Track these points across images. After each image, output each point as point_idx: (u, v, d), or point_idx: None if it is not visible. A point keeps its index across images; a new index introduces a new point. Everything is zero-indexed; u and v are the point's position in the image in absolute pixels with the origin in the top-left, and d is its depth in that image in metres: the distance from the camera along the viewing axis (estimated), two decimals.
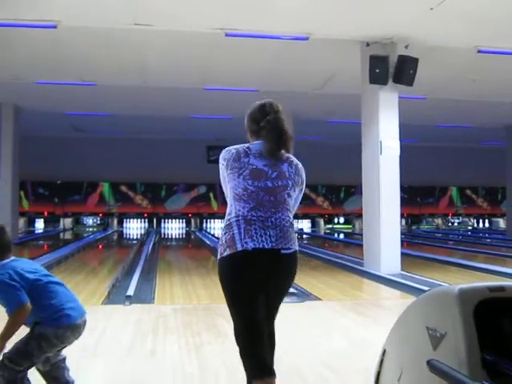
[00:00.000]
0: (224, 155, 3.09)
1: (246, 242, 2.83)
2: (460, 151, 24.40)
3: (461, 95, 13.83)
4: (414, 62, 9.14)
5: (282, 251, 2.91)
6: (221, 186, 3.17)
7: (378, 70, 9.15)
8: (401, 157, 9.39)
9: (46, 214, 23.63)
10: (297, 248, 3.08)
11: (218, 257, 2.96)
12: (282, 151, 3.08)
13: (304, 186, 3.24)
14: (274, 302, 3.07)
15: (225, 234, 2.93)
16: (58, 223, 23.84)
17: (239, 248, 2.84)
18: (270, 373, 2.95)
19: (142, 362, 4.13)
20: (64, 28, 8.84)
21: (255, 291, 2.91)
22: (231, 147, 3.12)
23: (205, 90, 13.53)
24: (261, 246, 2.84)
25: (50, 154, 21.96)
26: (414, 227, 26.24)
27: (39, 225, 23.87)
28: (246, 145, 3.12)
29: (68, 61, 11.21)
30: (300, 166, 3.24)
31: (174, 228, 24.36)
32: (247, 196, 2.92)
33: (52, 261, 10.61)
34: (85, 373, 3.85)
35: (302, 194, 3.27)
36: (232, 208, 2.96)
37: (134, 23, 8.66)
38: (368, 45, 9.43)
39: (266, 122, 3.09)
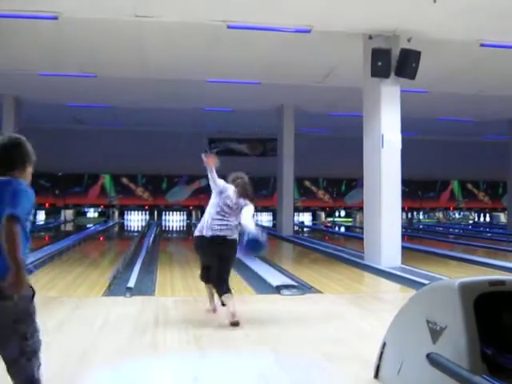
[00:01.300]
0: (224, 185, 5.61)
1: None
2: (462, 145, 24.36)
3: (463, 89, 13.80)
4: (417, 55, 9.10)
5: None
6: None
7: (380, 63, 9.11)
8: (402, 150, 9.37)
9: (47, 205, 23.64)
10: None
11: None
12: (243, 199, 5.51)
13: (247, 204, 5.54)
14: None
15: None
16: (59, 215, 23.85)
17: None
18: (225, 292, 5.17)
19: (143, 354, 4.14)
20: (65, 19, 8.82)
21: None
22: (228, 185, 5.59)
23: (207, 82, 13.51)
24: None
25: (51, 146, 21.87)
26: (414, 221, 26.26)
27: (40, 216, 23.87)
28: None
29: (69, 52, 11.19)
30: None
31: (174, 220, 24.38)
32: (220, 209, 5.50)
33: (53, 252, 10.62)
34: (86, 364, 3.86)
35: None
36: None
37: (135, 15, 8.64)
38: (370, 38, 9.39)
39: (236, 184, 5.57)
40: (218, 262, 5.29)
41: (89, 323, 5.05)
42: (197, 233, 5.51)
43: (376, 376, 3.45)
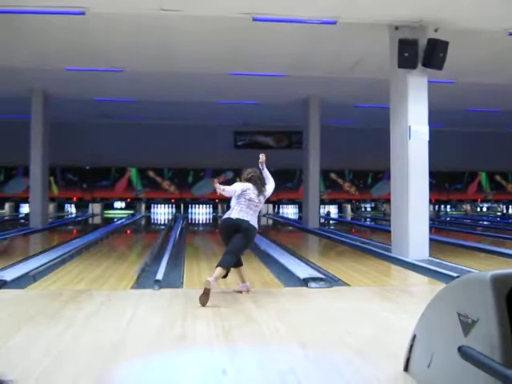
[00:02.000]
0: (243, 185, 6.25)
1: (233, 215, 6.15)
2: (489, 136, 24.07)
3: (490, 79, 13.62)
4: (444, 45, 9.01)
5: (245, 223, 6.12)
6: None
7: (406, 54, 9.04)
8: (429, 142, 9.30)
9: (75, 199, 23.91)
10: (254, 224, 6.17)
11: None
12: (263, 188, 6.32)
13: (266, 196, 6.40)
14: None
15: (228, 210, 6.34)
16: (87, 208, 24.12)
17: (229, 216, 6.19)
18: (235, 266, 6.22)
19: (172, 346, 4.17)
20: (92, 14, 8.90)
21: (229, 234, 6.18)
22: (245, 183, 6.29)
23: (230, 75, 13.53)
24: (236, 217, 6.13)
25: (79, 140, 22.19)
26: (441, 213, 26.04)
27: (71, 210, 24.18)
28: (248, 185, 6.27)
29: (96, 47, 11.30)
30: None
31: (201, 213, 24.49)
32: (244, 201, 6.21)
33: (81, 245, 10.75)
34: (115, 357, 3.90)
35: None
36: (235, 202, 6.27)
37: (161, 8, 8.67)
38: (397, 28, 9.32)
39: (251, 177, 6.32)
40: (233, 236, 6.06)
41: (118, 316, 5.10)
42: (224, 216, 6.34)
43: (406, 369, 3.43)
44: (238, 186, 6.21)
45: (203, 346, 4.18)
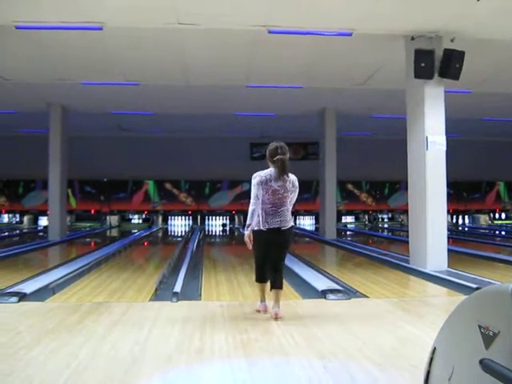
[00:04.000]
0: (259, 179, 5.58)
1: (264, 225, 5.56)
2: (507, 145, 23.91)
3: (507, 88, 13.54)
4: (461, 55, 8.99)
5: (282, 228, 5.58)
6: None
7: (423, 64, 9.03)
8: (446, 151, 9.26)
9: (92, 211, 24.05)
10: (292, 224, 5.72)
11: (253, 229, 5.64)
12: (285, 176, 5.58)
13: (297, 188, 5.72)
14: (280, 251, 5.71)
15: (256, 219, 5.60)
16: (105, 220, 24.23)
17: (261, 228, 5.57)
18: (265, 281, 5.80)
19: (191, 359, 4.17)
20: (110, 29, 9.00)
21: (265, 248, 5.64)
22: (261, 174, 5.62)
23: (247, 87, 13.58)
24: (271, 227, 5.55)
25: (97, 153, 22.36)
26: (459, 223, 25.84)
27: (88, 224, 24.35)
28: (268, 172, 5.61)
29: (113, 61, 11.41)
30: (294, 179, 5.69)
31: (218, 225, 24.51)
32: (269, 202, 5.58)
33: (100, 257, 10.80)
34: (135, 370, 3.91)
35: (296, 193, 5.74)
36: (263, 207, 5.58)
37: (178, 22, 8.75)
38: (413, 39, 9.31)
39: (277, 160, 5.55)
40: (272, 251, 5.64)
41: (137, 328, 5.12)
42: (255, 227, 5.64)
43: (426, 382, 3.40)
44: (255, 186, 5.60)
45: (222, 359, 4.18)
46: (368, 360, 4.11)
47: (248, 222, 5.62)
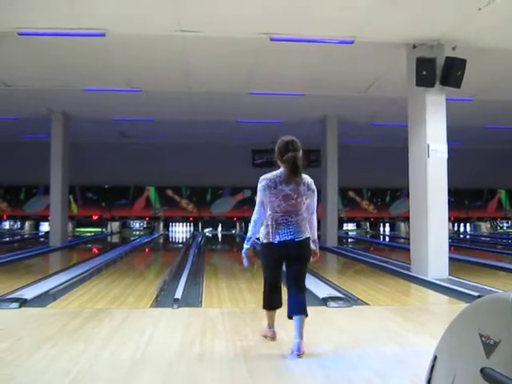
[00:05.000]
0: (266, 182, 4.64)
1: (274, 238, 4.62)
2: (509, 153, 23.90)
3: (509, 96, 13.54)
4: (462, 63, 9.00)
5: (296, 239, 4.60)
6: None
7: (424, 72, 9.04)
8: (448, 159, 9.26)
9: (94, 217, 24.06)
10: (308, 235, 4.69)
11: (261, 242, 4.76)
12: (298, 178, 4.62)
13: (315, 190, 4.80)
14: (296, 268, 4.69)
15: (265, 229, 4.69)
16: (106, 227, 24.23)
17: (271, 240, 4.63)
18: (277, 307, 4.84)
19: (191, 366, 4.17)
20: (112, 36, 9.02)
21: (275, 266, 4.75)
22: (268, 176, 4.66)
23: (249, 94, 13.60)
24: (282, 240, 4.60)
25: (98, 160, 22.39)
26: (461, 230, 25.80)
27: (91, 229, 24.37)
28: (277, 173, 4.66)
29: (114, 68, 11.43)
30: (309, 181, 4.75)
31: (219, 232, 24.49)
32: (280, 209, 4.63)
33: (101, 264, 10.80)
34: (135, 376, 3.91)
35: (315, 196, 4.81)
36: (270, 214, 4.66)
37: (180, 30, 8.77)
38: (414, 47, 9.33)
39: (287, 158, 4.62)
40: (288, 267, 4.70)
41: (137, 335, 5.11)
42: (263, 240, 4.71)
43: None
44: (261, 191, 4.67)
45: (222, 366, 4.17)
46: (369, 368, 4.10)
47: (248, 235, 4.73)
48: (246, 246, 4.73)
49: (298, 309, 4.53)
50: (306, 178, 4.73)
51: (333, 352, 4.58)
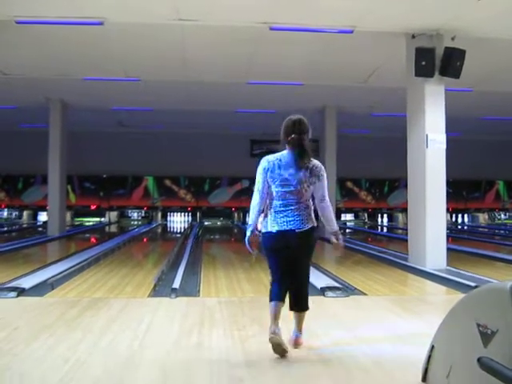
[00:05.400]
0: (264, 165, 4.31)
1: (273, 227, 4.27)
2: (507, 144, 23.89)
3: (508, 87, 13.51)
4: (461, 53, 8.98)
5: (297, 230, 4.22)
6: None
7: (423, 63, 9.01)
8: (446, 150, 9.25)
9: (92, 207, 24.04)
10: (311, 225, 4.29)
11: (261, 231, 4.38)
12: (301, 162, 4.26)
13: (323, 175, 4.36)
14: (298, 260, 4.32)
15: (264, 219, 4.36)
16: (104, 216, 24.21)
17: (269, 229, 4.28)
18: (279, 300, 4.27)
19: (189, 354, 4.18)
20: (109, 24, 8.98)
21: (276, 256, 4.30)
22: (269, 158, 4.33)
23: (248, 84, 13.56)
24: (281, 229, 4.23)
25: (96, 149, 22.33)
26: (459, 221, 25.83)
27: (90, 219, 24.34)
28: (279, 156, 4.32)
29: (113, 57, 11.40)
30: (315, 166, 4.34)
31: (217, 222, 24.49)
32: (278, 196, 4.28)
33: (99, 253, 10.80)
34: (133, 365, 3.92)
35: (324, 181, 4.36)
36: (271, 202, 4.32)
37: (178, 18, 8.73)
38: (414, 37, 9.30)
39: (292, 139, 4.29)
40: (287, 260, 4.28)
41: (136, 324, 5.12)
42: (262, 229, 4.37)
43: (424, 379, 3.41)
44: (259, 174, 4.32)
45: (220, 355, 4.18)
46: (366, 357, 4.11)
47: (249, 223, 4.35)
48: (247, 233, 4.30)
49: (296, 304, 4.34)
50: (313, 162, 4.32)
51: (330, 341, 4.59)
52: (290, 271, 4.28)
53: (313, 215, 4.32)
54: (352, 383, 3.60)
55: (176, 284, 7.10)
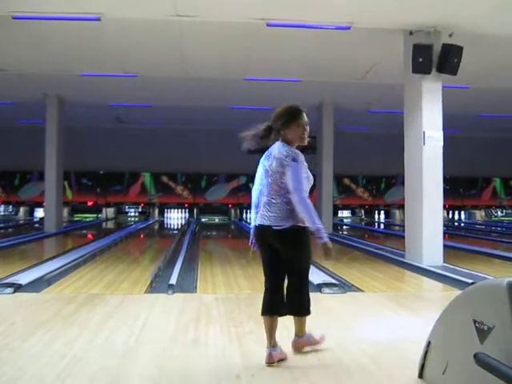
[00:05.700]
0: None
1: (255, 220, 4.06)
2: (504, 141, 23.91)
3: (506, 84, 13.52)
4: (459, 50, 8.97)
5: (274, 227, 3.85)
6: None
7: (421, 59, 9.00)
8: (443, 147, 9.25)
9: (89, 203, 24.02)
10: (290, 224, 3.82)
11: None
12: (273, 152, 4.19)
13: (287, 165, 3.97)
14: (285, 262, 3.95)
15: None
16: (100, 213, 24.19)
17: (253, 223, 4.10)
18: (269, 314, 3.93)
19: (185, 351, 4.17)
20: (107, 20, 8.96)
21: (265, 255, 4.00)
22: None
23: (245, 80, 13.54)
24: (258, 223, 3.98)
25: (93, 145, 22.29)
26: (455, 218, 25.87)
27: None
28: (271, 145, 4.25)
29: (111, 52, 11.37)
30: (278, 153, 4.10)
31: (214, 218, 24.49)
32: (263, 188, 4.11)
33: (96, 250, 10.79)
34: (129, 361, 3.91)
35: (288, 172, 3.94)
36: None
37: (176, 14, 8.71)
38: (411, 33, 9.29)
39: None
40: (273, 260, 3.97)
41: (132, 320, 5.12)
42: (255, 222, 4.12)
43: (420, 376, 3.42)
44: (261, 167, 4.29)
45: (216, 351, 4.18)
46: (363, 353, 4.11)
47: (252, 223, 4.19)
48: (251, 234, 4.12)
49: (289, 309, 4.01)
50: (277, 149, 4.16)
51: (327, 337, 4.59)
52: (278, 273, 3.96)
53: (293, 212, 3.85)
54: (349, 380, 3.60)
55: (173, 280, 7.09)
